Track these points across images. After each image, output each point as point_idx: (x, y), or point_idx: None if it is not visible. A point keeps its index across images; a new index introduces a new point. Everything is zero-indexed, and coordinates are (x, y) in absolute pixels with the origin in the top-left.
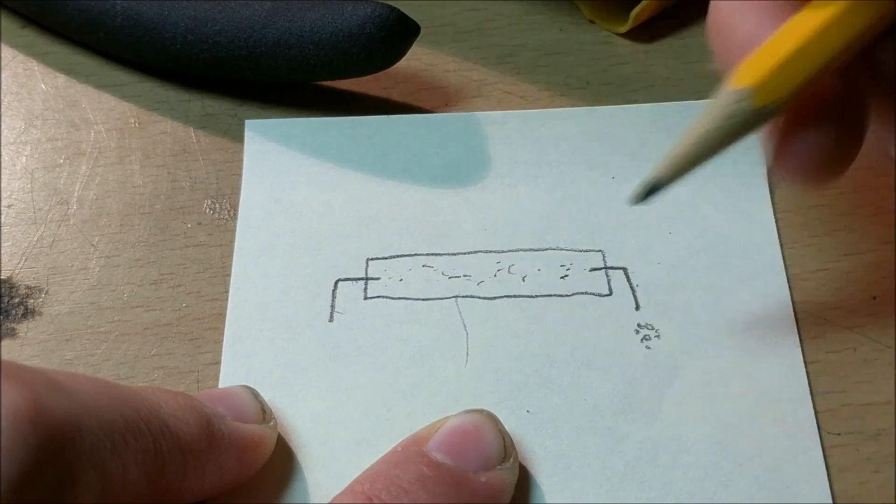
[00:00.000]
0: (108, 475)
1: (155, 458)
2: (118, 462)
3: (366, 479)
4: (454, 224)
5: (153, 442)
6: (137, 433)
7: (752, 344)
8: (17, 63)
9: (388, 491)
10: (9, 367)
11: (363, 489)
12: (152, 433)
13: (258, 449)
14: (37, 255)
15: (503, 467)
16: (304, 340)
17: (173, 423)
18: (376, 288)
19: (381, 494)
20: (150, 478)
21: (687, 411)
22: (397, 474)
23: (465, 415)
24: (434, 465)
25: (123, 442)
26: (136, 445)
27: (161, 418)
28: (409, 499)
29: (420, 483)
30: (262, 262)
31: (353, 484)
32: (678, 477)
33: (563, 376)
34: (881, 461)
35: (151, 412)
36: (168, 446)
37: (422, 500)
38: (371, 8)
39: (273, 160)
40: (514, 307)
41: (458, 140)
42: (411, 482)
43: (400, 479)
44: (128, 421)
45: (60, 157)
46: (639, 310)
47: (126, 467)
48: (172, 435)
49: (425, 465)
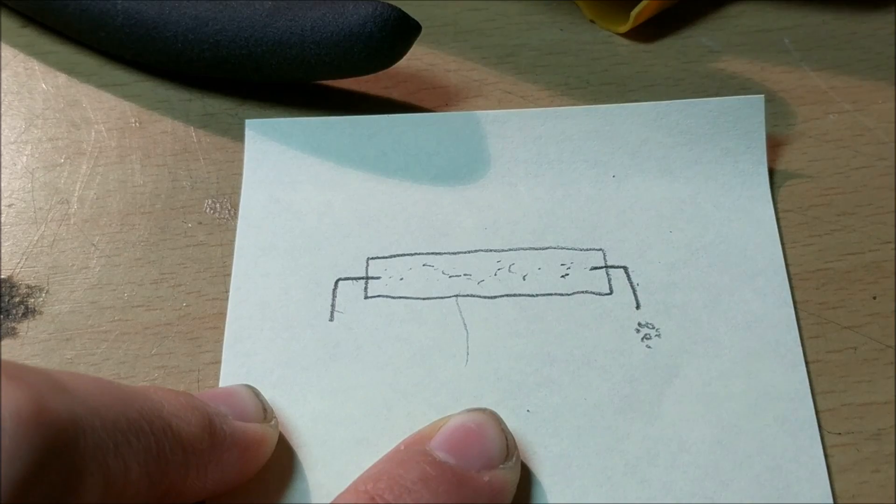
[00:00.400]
0: (111, 475)
1: (157, 458)
2: (121, 462)
3: (369, 478)
4: (454, 223)
5: (155, 442)
6: (140, 433)
7: (752, 343)
8: (17, 62)
9: (391, 490)
10: (11, 368)
11: (366, 488)
12: (154, 433)
13: (259, 448)
14: (37, 254)
15: (505, 466)
16: (305, 340)
17: (175, 422)
18: (377, 287)
19: (385, 494)
20: (152, 478)
21: (687, 410)
22: (400, 473)
23: (467, 413)
24: (437, 464)
25: (126, 442)
26: (138, 445)
27: (163, 418)
28: (413, 498)
29: (423, 482)
30: (262, 262)
31: (357, 483)
32: (678, 476)
33: (563, 375)
34: (881, 461)
35: (154, 412)
36: (170, 446)
37: (425, 499)
38: (372, 7)
39: (273, 159)
40: (515, 306)
41: (459, 139)
42: (414, 481)
43: (403, 478)
44: (130, 421)
45: (61, 157)
46: (639, 309)
47: (128, 467)
48: (175, 435)
49: (428, 465)
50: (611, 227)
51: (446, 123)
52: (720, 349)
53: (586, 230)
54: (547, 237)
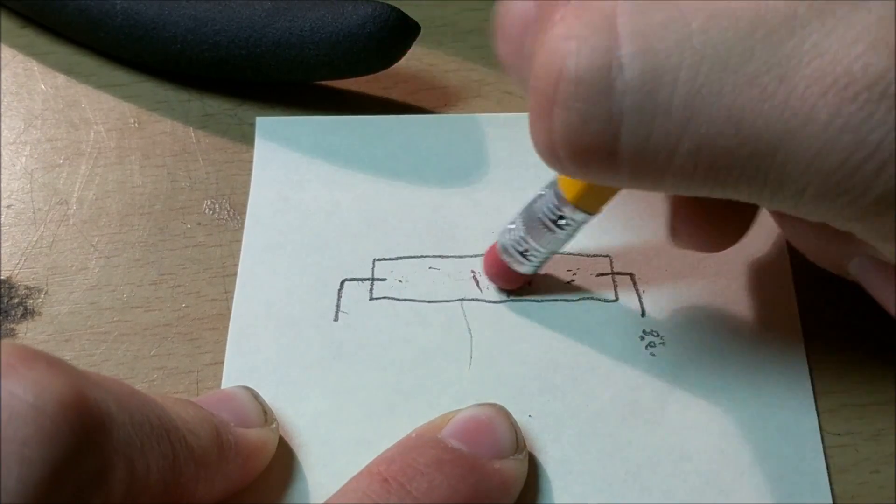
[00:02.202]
0: (136, 473)
1: (173, 466)
2: (144, 462)
3: (382, 461)
4: (462, 226)
5: (173, 451)
6: (160, 439)
7: (757, 353)
8: (16, 63)
9: (404, 472)
10: (51, 357)
11: (379, 470)
12: (172, 442)
13: (261, 454)
14: (36, 255)
15: (515, 458)
16: (309, 339)
17: (189, 436)
18: (382, 289)
19: (398, 476)
20: (166, 484)
21: (690, 419)
22: (414, 457)
23: (478, 407)
24: (450, 450)
25: (150, 444)
26: (159, 450)
27: (178, 429)
28: (426, 481)
29: (436, 466)
30: (268, 260)
31: (370, 465)
32: (679, 484)
33: (566, 381)
34: (881, 461)
35: (171, 422)
36: (184, 457)
37: (437, 482)
38: (371, 8)
39: (283, 158)
40: (519, 311)
41: (468, 142)
42: (427, 465)
43: (416, 461)
44: (153, 426)
45: (60, 158)
46: (644, 316)
47: (150, 468)
48: (189, 447)
49: (441, 450)
50: (618, 234)
51: (456, 126)
52: (725, 358)
53: (593, 236)
54: None
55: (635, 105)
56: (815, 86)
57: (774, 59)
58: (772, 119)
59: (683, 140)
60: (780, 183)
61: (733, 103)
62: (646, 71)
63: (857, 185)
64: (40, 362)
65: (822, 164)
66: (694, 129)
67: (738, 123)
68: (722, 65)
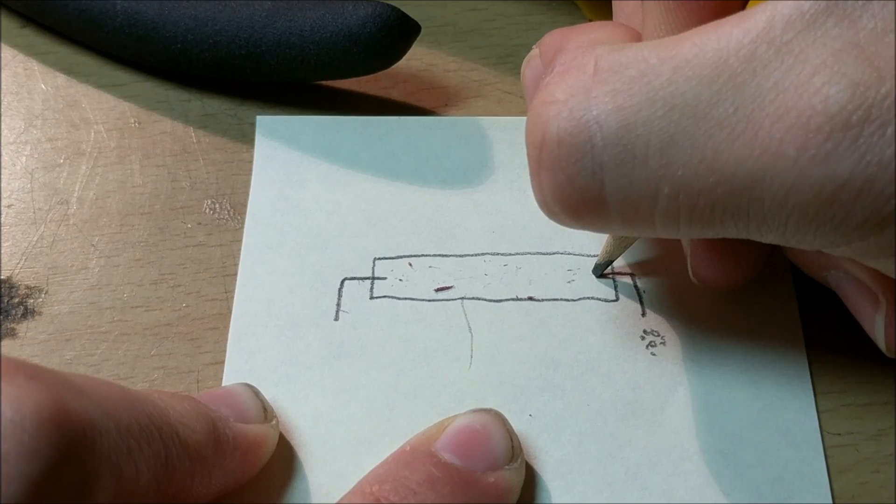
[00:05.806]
0: (124, 479)
1: (165, 464)
2: (133, 466)
3: (374, 479)
4: (462, 225)
5: (164, 449)
6: (150, 439)
7: (757, 353)
8: (16, 63)
9: (396, 492)
10: (30, 368)
11: (371, 490)
12: (163, 440)
13: (260, 450)
14: (37, 255)
15: (511, 467)
16: (309, 338)
17: (182, 430)
18: (382, 288)
19: (390, 495)
20: (160, 483)
21: (690, 419)
22: (406, 475)
23: (472, 414)
24: (443, 465)
25: (138, 447)
26: (148, 451)
27: (171, 425)
28: (418, 500)
29: (429, 484)
30: (269, 259)
31: (362, 484)
32: (679, 484)
33: (566, 381)
34: (881, 461)
35: (162, 419)
36: (177, 453)
37: (430, 500)
38: (371, 7)
39: (283, 157)
40: (520, 310)
41: (469, 143)
42: (420, 483)
43: (409, 479)
44: (142, 427)
45: (60, 157)
46: (645, 316)
47: (139, 471)
48: (182, 442)
49: (434, 466)
50: None
51: (457, 127)
52: (725, 358)
53: (594, 236)
54: (554, 242)
55: (615, 158)
56: (781, 122)
57: (740, 101)
58: (743, 157)
59: (663, 185)
60: (763, 217)
61: (706, 146)
62: (621, 126)
63: (836, 215)
64: (19, 375)
65: (798, 197)
66: (671, 174)
67: (711, 165)
68: (691, 111)
